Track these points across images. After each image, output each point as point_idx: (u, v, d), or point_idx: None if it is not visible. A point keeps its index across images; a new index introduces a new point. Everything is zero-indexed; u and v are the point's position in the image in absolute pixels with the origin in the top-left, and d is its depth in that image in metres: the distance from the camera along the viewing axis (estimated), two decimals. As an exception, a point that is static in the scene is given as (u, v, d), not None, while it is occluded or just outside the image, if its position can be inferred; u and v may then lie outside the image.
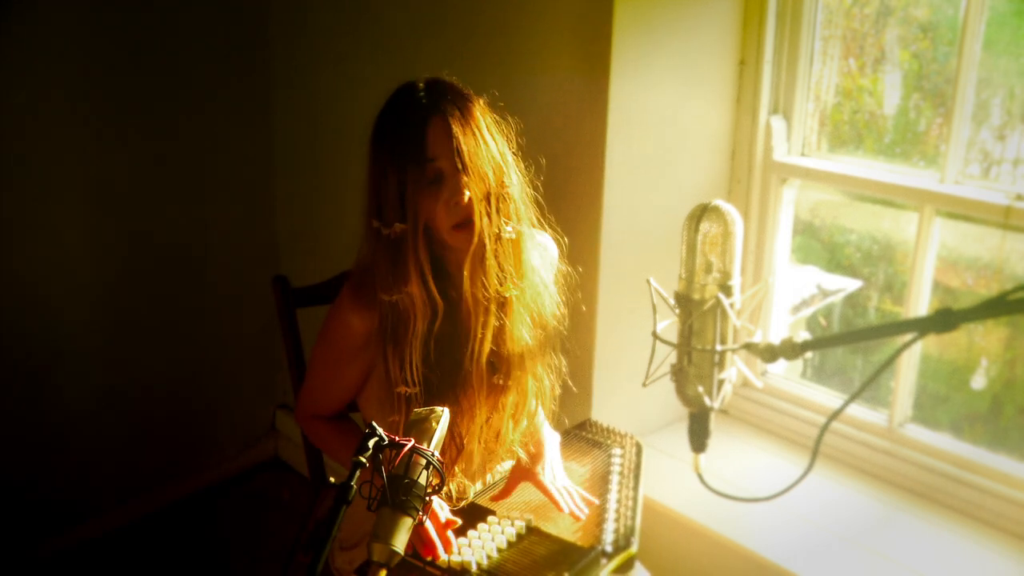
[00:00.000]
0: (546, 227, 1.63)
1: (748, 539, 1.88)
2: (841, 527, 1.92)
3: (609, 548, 1.53)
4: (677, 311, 1.11)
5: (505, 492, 1.68)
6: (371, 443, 1.11)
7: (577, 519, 1.60)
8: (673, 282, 1.12)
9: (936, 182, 1.89)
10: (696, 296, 1.09)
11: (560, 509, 1.61)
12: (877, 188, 2.01)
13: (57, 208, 2.48)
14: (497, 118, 1.53)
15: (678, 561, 2.00)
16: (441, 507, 1.50)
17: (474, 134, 1.45)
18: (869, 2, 2.03)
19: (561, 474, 1.69)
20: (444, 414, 1.19)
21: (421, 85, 1.50)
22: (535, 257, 1.59)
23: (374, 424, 1.14)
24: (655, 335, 1.12)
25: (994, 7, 1.76)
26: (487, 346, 1.54)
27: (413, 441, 1.13)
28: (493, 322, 1.53)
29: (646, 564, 1.68)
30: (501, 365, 1.57)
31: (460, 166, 1.44)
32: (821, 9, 2.04)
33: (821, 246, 2.29)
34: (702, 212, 1.08)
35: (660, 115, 2.01)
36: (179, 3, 2.59)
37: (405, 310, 1.48)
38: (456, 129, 1.44)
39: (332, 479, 1.83)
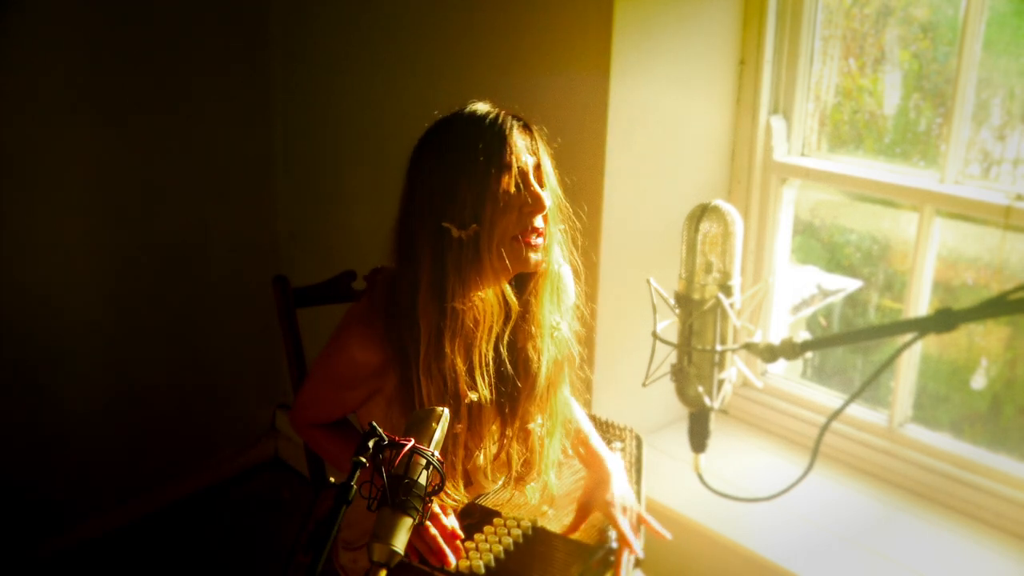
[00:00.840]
0: (577, 256, 1.59)
1: (748, 539, 1.88)
2: (841, 527, 1.92)
3: (615, 545, 1.53)
4: (677, 311, 1.11)
5: (576, 525, 1.60)
6: (371, 443, 1.11)
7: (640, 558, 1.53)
8: (673, 282, 1.12)
9: (936, 182, 1.89)
10: (696, 296, 1.09)
11: (632, 550, 1.53)
12: (877, 188, 2.01)
13: (57, 208, 2.48)
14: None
15: (678, 561, 2.00)
16: (446, 515, 1.49)
17: (547, 154, 1.45)
18: (869, 2, 2.03)
19: (631, 499, 1.62)
20: (444, 414, 1.19)
21: (474, 106, 1.45)
22: (572, 302, 1.59)
23: (374, 424, 1.14)
24: (655, 335, 1.12)
25: (994, 7, 1.76)
26: (544, 379, 1.51)
27: (413, 441, 1.13)
28: (553, 351, 1.51)
29: (645, 564, 1.68)
30: (540, 399, 1.54)
31: (540, 179, 1.42)
32: (821, 9, 2.04)
33: (821, 246, 2.29)
34: (702, 212, 1.08)
35: (660, 115, 2.01)
36: (179, 3, 2.59)
37: (475, 314, 1.42)
38: (537, 137, 1.43)
39: (332, 479, 1.84)
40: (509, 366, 1.48)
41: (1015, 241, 1.84)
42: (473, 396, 1.44)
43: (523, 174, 1.39)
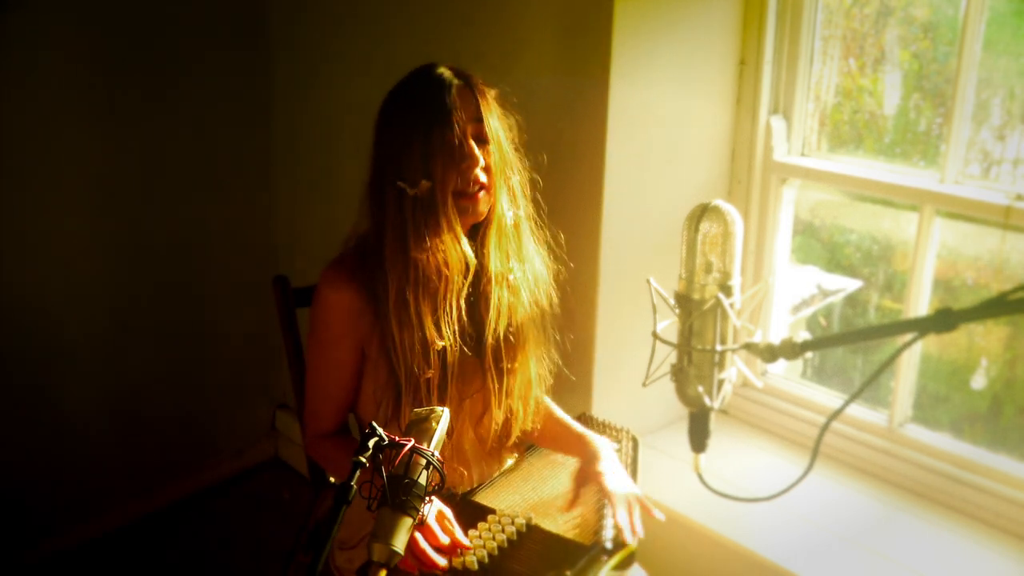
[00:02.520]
0: (545, 226, 1.68)
1: (748, 539, 1.88)
2: (841, 527, 1.92)
3: (609, 545, 1.53)
4: (677, 311, 1.11)
5: (573, 500, 1.62)
6: (371, 443, 1.11)
7: (635, 534, 1.52)
8: (673, 282, 1.12)
9: (936, 182, 1.89)
10: (696, 296, 1.09)
11: (618, 523, 1.53)
12: (877, 188, 2.01)
13: (56, 208, 2.48)
14: (505, 112, 1.58)
15: (678, 561, 2.00)
16: (448, 523, 1.48)
17: (493, 113, 1.54)
18: (869, 2, 2.03)
19: (623, 474, 1.64)
20: (444, 414, 1.19)
21: (441, 66, 1.56)
22: (531, 248, 1.65)
23: (374, 424, 1.14)
24: (655, 335, 1.12)
25: (994, 7, 1.76)
26: (504, 320, 1.59)
27: (413, 441, 1.13)
28: (506, 297, 1.59)
29: (646, 564, 1.68)
30: (507, 349, 1.62)
31: (480, 138, 1.52)
32: (821, 9, 2.04)
33: (821, 246, 2.29)
34: (702, 212, 1.08)
35: (660, 115, 2.01)
36: (179, 3, 2.59)
37: (436, 266, 1.51)
38: (480, 100, 1.52)
39: (332, 479, 1.84)
40: (476, 315, 1.59)
41: (1015, 241, 1.84)
42: (440, 343, 1.53)
43: (462, 132, 1.50)
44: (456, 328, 1.54)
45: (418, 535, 1.42)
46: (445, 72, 1.53)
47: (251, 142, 2.85)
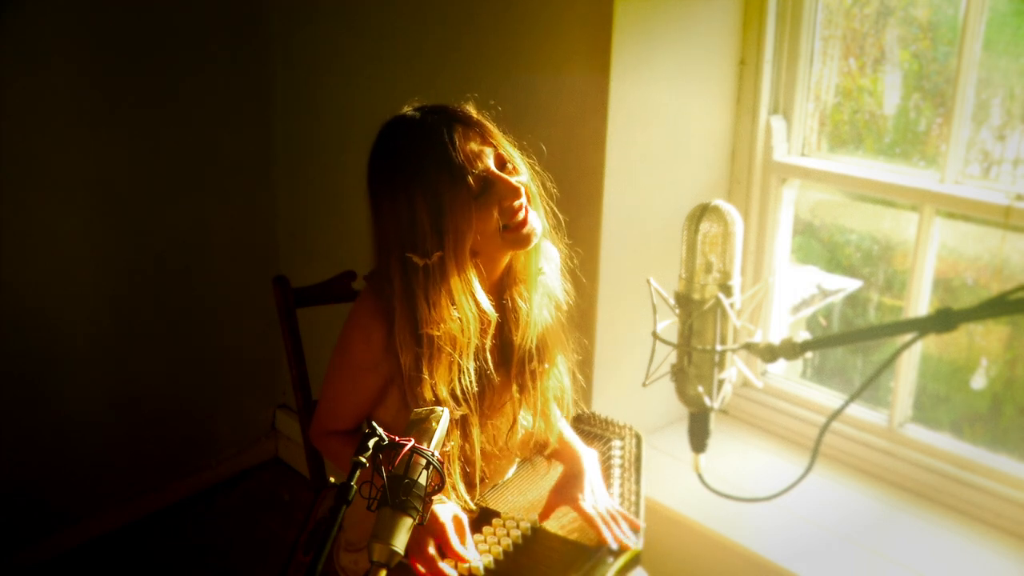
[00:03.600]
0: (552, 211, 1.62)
1: (748, 539, 1.88)
2: (841, 527, 1.92)
3: (614, 547, 1.53)
4: (677, 311, 1.11)
5: (544, 515, 1.60)
6: (371, 443, 1.11)
7: (625, 547, 1.51)
8: (673, 282, 1.12)
9: (936, 182, 1.89)
10: (696, 296, 1.09)
11: (603, 539, 1.52)
12: (877, 188, 2.01)
13: (56, 208, 2.48)
14: (489, 113, 1.51)
15: (678, 561, 2.00)
16: (461, 528, 1.47)
17: (494, 131, 1.45)
18: (869, 2, 2.03)
19: (602, 494, 1.61)
20: (444, 414, 1.19)
21: (415, 113, 1.44)
22: (552, 249, 1.61)
23: (374, 424, 1.14)
24: (655, 335, 1.12)
25: (994, 7, 1.76)
26: (533, 331, 1.53)
27: (413, 441, 1.13)
28: (536, 304, 1.53)
29: (646, 564, 1.68)
30: (537, 351, 1.56)
31: (502, 164, 1.42)
32: (821, 9, 2.04)
33: (821, 246, 2.29)
34: (702, 212, 1.08)
35: (660, 115, 2.01)
36: (179, 4, 2.59)
37: (451, 336, 1.42)
38: (482, 131, 1.42)
39: (332, 479, 1.84)
40: (505, 329, 1.52)
41: (1015, 241, 1.84)
42: (457, 414, 1.45)
43: (485, 177, 1.40)
44: (474, 387, 1.46)
45: (431, 543, 1.41)
46: (430, 119, 1.41)
47: (252, 142, 2.85)
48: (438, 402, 1.44)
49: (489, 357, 1.49)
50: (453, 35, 2.24)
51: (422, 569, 1.41)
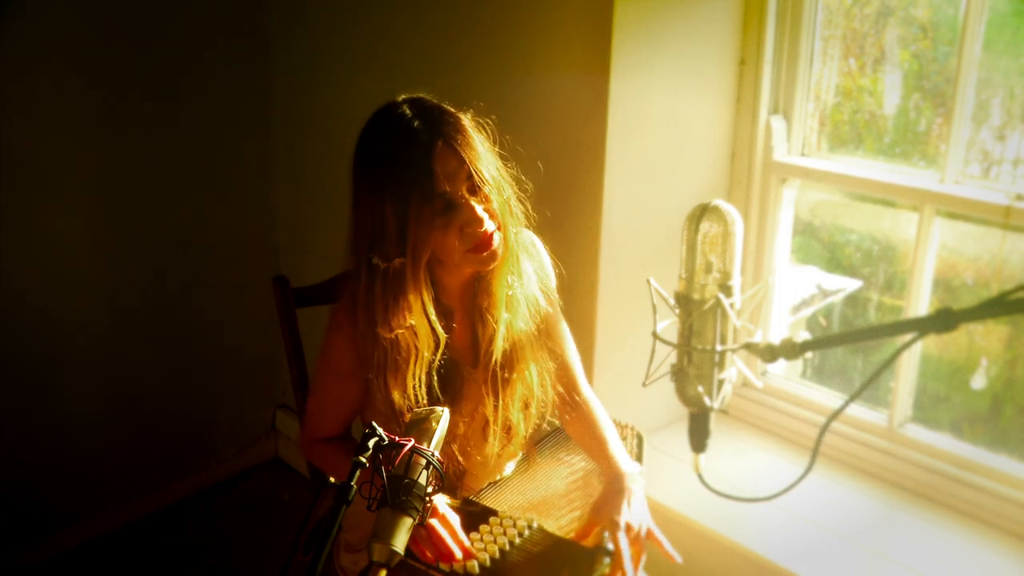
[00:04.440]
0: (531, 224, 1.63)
1: (748, 539, 1.88)
2: (841, 527, 1.92)
3: (611, 546, 1.53)
4: (677, 311, 1.11)
5: (583, 534, 1.56)
6: (371, 443, 1.11)
7: None
8: (673, 282, 1.12)
9: (936, 182, 1.89)
10: (696, 296, 1.09)
11: (623, 572, 1.47)
12: (877, 188, 2.01)
13: (57, 208, 2.48)
14: (482, 121, 1.51)
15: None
16: (450, 512, 1.49)
17: (477, 152, 1.43)
18: (869, 2, 2.03)
19: (641, 515, 1.55)
20: (444, 414, 1.19)
21: (408, 111, 1.44)
22: (525, 260, 1.60)
23: (374, 424, 1.14)
24: (655, 335, 1.12)
25: (994, 7, 1.76)
26: (500, 344, 1.54)
27: (413, 441, 1.13)
28: (504, 319, 1.54)
29: (646, 564, 1.68)
30: (505, 360, 1.58)
31: (474, 189, 1.43)
32: (821, 9, 2.03)
33: (821, 246, 2.29)
34: (702, 212, 1.08)
35: (660, 115, 2.01)
36: (178, 4, 2.59)
37: (404, 343, 1.46)
38: (465, 152, 1.41)
39: (332, 479, 1.84)
40: (475, 334, 1.55)
41: (1015, 241, 1.84)
42: (407, 415, 1.46)
43: (452, 201, 1.41)
44: (422, 399, 1.49)
45: (436, 523, 1.42)
46: (417, 124, 1.41)
47: (251, 142, 2.85)
48: (393, 406, 1.48)
49: (447, 365, 1.52)
50: (453, 36, 2.24)
51: (430, 554, 1.42)
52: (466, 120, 1.47)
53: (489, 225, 1.44)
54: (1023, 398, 1.98)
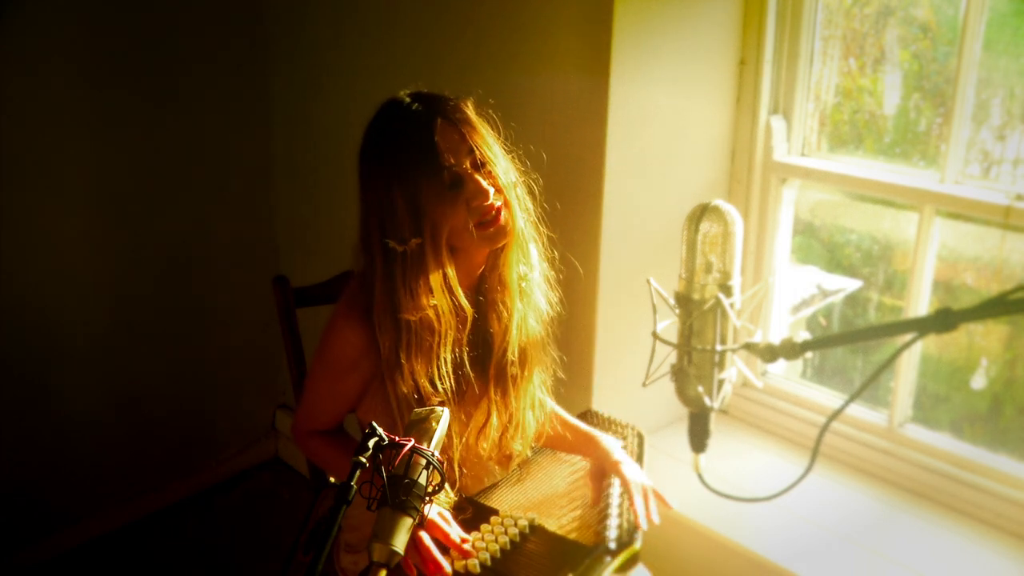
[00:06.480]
0: (542, 223, 1.65)
1: (748, 539, 1.88)
2: (841, 527, 1.92)
3: (613, 545, 1.53)
4: (677, 311, 1.11)
5: (596, 494, 1.64)
6: (371, 443, 1.11)
7: (652, 523, 1.54)
8: (673, 282, 1.12)
9: (936, 182, 1.89)
10: (696, 296, 1.09)
11: (635, 512, 1.54)
12: (877, 188, 2.01)
13: (57, 209, 2.48)
14: (489, 113, 1.54)
15: (678, 561, 2.00)
16: (448, 521, 1.48)
17: (479, 131, 1.46)
18: (869, 2, 2.03)
19: (640, 471, 1.66)
20: (444, 414, 1.19)
21: (408, 99, 1.48)
22: (535, 253, 1.62)
23: (374, 424, 1.14)
24: (655, 335, 1.12)
25: (994, 7, 1.76)
26: (516, 336, 1.56)
27: (413, 441, 1.13)
28: (519, 309, 1.56)
29: (646, 564, 1.68)
30: (519, 357, 1.59)
31: (477, 165, 1.45)
32: (821, 9, 2.03)
33: (821, 246, 2.29)
34: (702, 212, 1.08)
35: (660, 115, 2.01)
36: (178, 4, 2.59)
37: (429, 324, 1.46)
38: (465, 129, 1.44)
39: (332, 479, 1.84)
40: (484, 331, 1.55)
41: (1015, 241, 1.84)
42: (436, 400, 1.48)
43: (458, 173, 1.43)
44: (451, 378, 1.50)
45: (424, 535, 1.42)
46: (416, 107, 1.44)
47: (251, 142, 2.85)
48: (417, 390, 1.48)
49: (467, 353, 1.53)
50: (453, 36, 2.24)
51: (414, 569, 1.42)
52: (467, 105, 1.49)
53: (495, 199, 1.46)
54: (1023, 398, 1.98)
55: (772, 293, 2.21)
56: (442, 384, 1.49)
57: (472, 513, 1.58)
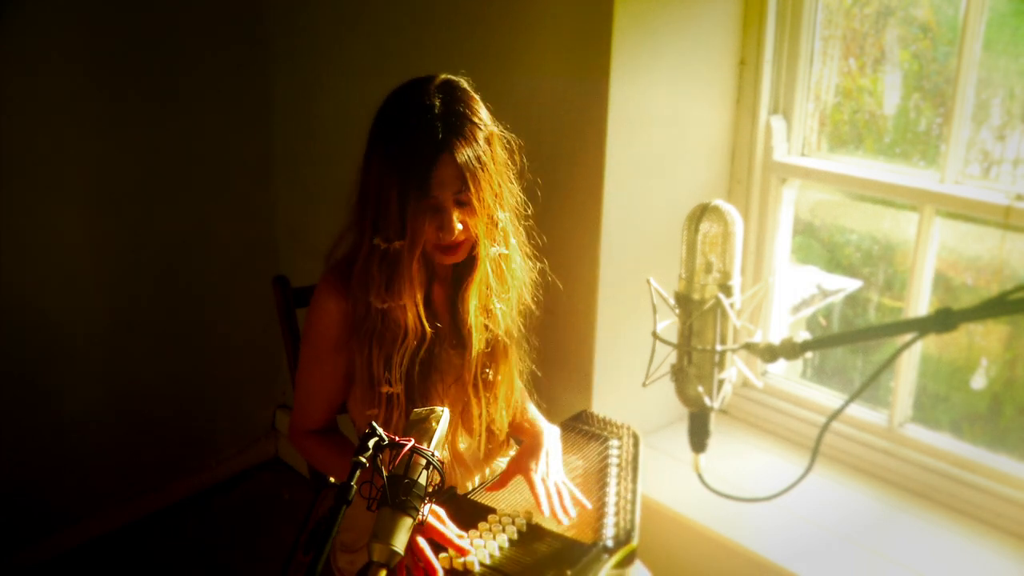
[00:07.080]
0: (536, 243, 1.68)
1: (748, 539, 1.88)
2: (841, 527, 1.92)
3: (610, 543, 1.53)
4: (677, 311, 1.11)
5: (500, 484, 1.67)
6: (371, 443, 1.11)
7: (559, 523, 1.56)
8: (673, 282, 1.12)
9: (936, 182, 1.89)
10: (696, 296, 1.09)
11: (541, 511, 1.56)
12: (877, 188, 2.01)
13: (57, 208, 2.48)
14: (508, 137, 1.55)
15: (678, 561, 2.00)
16: (442, 520, 1.49)
17: (478, 174, 1.46)
18: (869, 2, 2.03)
19: (557, 469, 1.66)
20: (444, 414, 1.19)
21: (436, 101, 1.47)
22: (518, 274, 1.64)
23: (374, 424, 1.14)
24: (655, 335, 1.12)
25: (994, 7, 1.76)
26: (479, 349, 1.61)
27: (413, 441, 1.13)
28: (484, 333, 1.61)
29: (646, 564, 1.68)
30: (490, 360, 1.64)
31: (460, 202, 1.48)
32: (821, 9, 2.04)
33: (821, 246, 2.29)
34: (702, 212, 1.08)
35: (660, 115, 2.01)
36: (178, 4, 2.59)
37: (395, 319, 1.52)
38: (467, 173, 1.45)
39: (332, 479, 1.84)
40: (446, 358, 1.61)
41: (1015, 241, 1.84)
42: (385, 390, 1.55)
43: (441, 205, 1.48)
44: (400, 376, 1.55)
45: (419, 539, 1.42)
46: (435, 122, 1.44)
47: (251, 142, 2.85)
48: (373, 373, 1.54)
49: (442, 355, 1.59)
50: (453, 36, 2.24)
51: (405, 571, 1.42)
52: (486, 132, 1.49)
53: (460, 236, 1.50)
54: (1023, 398, 1.98)
55: (772, 293, 2.21)
56: (391, 387, 1.54)
57: (470, 513, 1.58)
